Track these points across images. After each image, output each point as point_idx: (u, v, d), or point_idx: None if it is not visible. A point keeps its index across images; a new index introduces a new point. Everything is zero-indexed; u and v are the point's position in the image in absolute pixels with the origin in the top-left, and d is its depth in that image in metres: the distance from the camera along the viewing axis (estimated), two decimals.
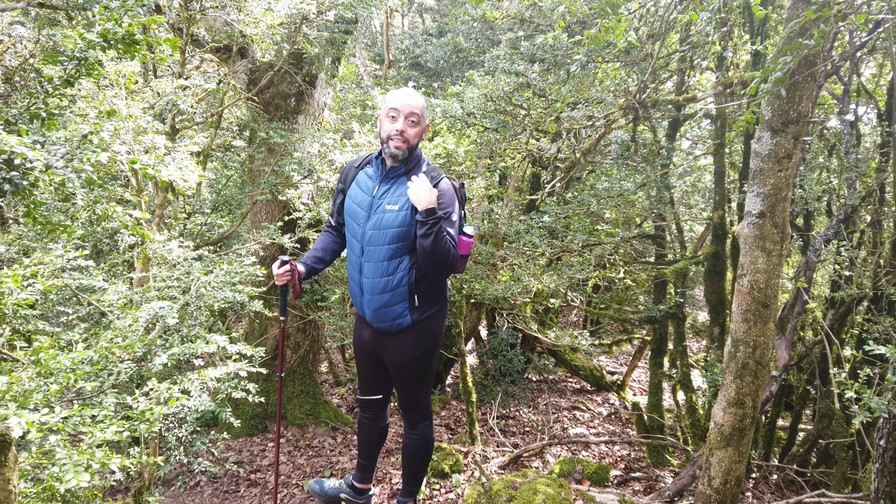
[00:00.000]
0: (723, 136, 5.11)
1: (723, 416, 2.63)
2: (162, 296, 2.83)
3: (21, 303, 1.68)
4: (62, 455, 1.31)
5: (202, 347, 2.49)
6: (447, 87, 6.18)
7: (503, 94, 5.18)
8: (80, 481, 1.24)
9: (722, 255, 5.13)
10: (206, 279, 2.89)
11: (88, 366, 1.68)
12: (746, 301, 2.56)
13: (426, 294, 3.23)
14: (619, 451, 6.47)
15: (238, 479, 5.47)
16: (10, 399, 1.34)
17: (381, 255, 3.14)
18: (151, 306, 2.49)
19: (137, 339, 2.36)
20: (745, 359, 2.56)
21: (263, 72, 6.04)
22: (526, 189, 8.18)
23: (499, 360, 8.43)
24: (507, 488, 3.78)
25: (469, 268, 5.52)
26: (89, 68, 1.60)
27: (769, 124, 2.49)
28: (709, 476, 2.70)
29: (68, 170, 1.40)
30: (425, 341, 3.35)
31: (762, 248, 2.53)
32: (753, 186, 2.56)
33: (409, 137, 3.04)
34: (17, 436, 1.22)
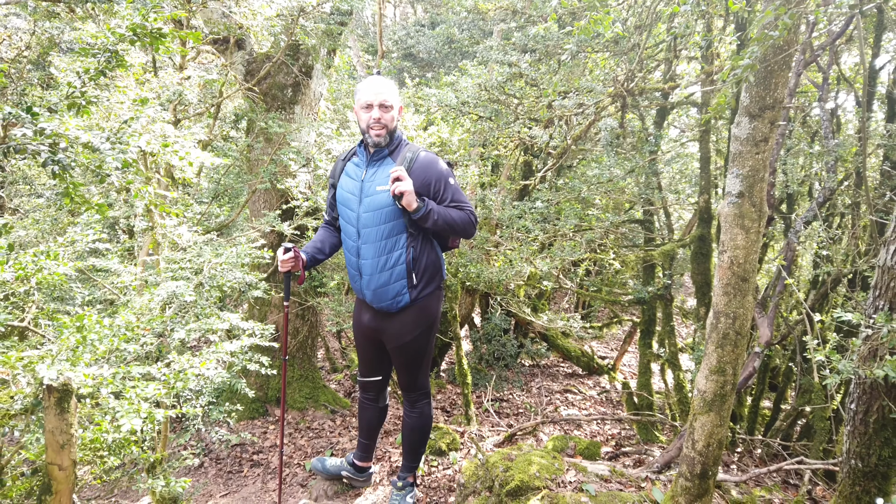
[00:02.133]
0: (708, 123, 5.29)
1: (705, 384, 2.81)
2: (175, 277, 2.98)
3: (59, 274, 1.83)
4: (115, 404, 1.47)
5: (217, 324, 2.64)
6: (440, 77, 6.32)
7: (496, 84, 5.33)
8: (133, 425, 1.40)
9: (707, 238, 5.33)
10: (216, 261, 3.04)
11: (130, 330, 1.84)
12: (727, 275, 2.74)
13: (423, 272, 3.41)
14: (609, 429, 6.68)
15: (241, 459, 5.63)
16: (63, 359, 1.50)
17: (378, 234, 3.30)
18: (168, 285, 2.64)
19: (156, 316, 2.51)
20: (725, 329, 2.74)
21: (261, 63, 6.15)
22: (518, 177, 8.34)
23: (492, 344, 8.63)
24: (504, 460, 3.97)
25: (464, 252, 5.69)
26: (120, 60, 1.74)
27: (747, 110, 2.66)
28: (693, 440, 2.88)
29: (115, 151, 1.55)
30: (424, 320, 3.52)
31: (741, 225, 2.71)
32: (733, 168, 2.74)
33: (386, 122, 3.22)
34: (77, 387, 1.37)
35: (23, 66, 6.84)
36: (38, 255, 1.85)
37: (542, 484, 3.71)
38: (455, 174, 3.56)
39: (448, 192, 3.25)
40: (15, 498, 1.69)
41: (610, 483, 3.88)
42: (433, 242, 3.45)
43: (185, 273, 2.99)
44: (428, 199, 3.19)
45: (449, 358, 9.57)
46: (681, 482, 2.97)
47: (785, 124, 4.45)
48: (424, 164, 3.23)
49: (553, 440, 5.44)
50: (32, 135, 1.37)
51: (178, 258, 3.08)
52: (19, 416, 1.62)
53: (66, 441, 1.46)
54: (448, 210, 3.21)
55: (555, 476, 3.82)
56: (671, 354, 5.69)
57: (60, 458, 1.48)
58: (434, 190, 3.24)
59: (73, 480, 1.51)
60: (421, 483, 4.84)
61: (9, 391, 1.78)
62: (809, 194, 5.80)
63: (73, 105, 1.63)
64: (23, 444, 1.66)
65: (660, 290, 5.59)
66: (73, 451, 1.49)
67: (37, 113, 1.41)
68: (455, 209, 3.24)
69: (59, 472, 1.48)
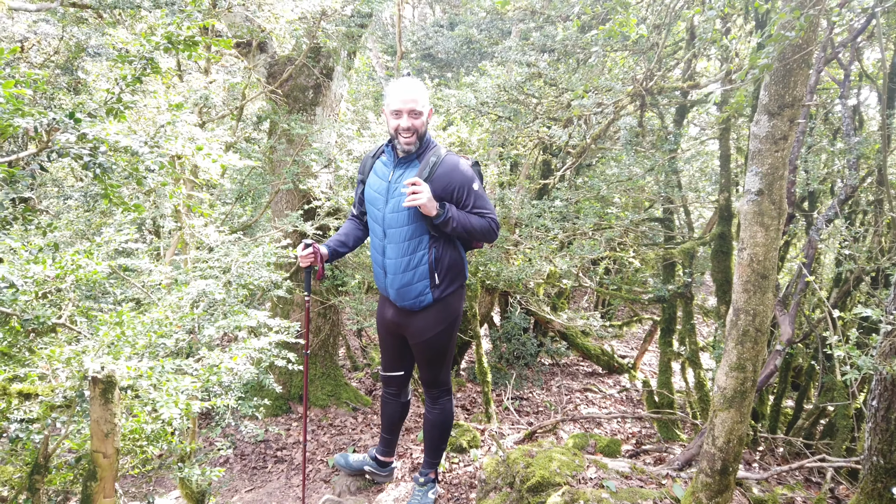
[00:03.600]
0: (728, 120, 5.28)
1: (725, 380, 2.83)
2: (204, 276, 3.06)
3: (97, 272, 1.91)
4: (156, 395, 1.54)
5: (245, 321, 2.72)
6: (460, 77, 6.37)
7: (515, 84, 5.37)
8: (173, 414, 1.47)
9: (728, 236, 5.32)
10: (243, 260, 3.12)
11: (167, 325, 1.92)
12: (746, 273, 2.76)
13: (446, 272, 3.46)
14: (630, 428, 6.68)
15: (265, 455, 5.73)
16: (105, 353, 1.58)
17: (402, 235, 3.36)
18: (198, 284, 2.73)
19: (186, 314, 2.59)
20: (745, 326, 2.76)
21: (282, 65, 6.25)
22: (536, 176, 8.37)
23: (512, 343, 8.66)
24: (525, 456, 4.01)
25: (484, 251, 5.73)
26: (155, 67, 1.82)
27: (766, 108, 2.68)
28: (713, 436, 2.91)
29: (154, 155, 1.62)
30: (446, 318, 3.58)
31: (761, 223, 2.73)
32: (752, 166, 2.75)
33: (416, 129, 3.23)
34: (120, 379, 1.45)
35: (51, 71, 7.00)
36: (77, 254, 1.93)
37: (563, 480, 3.75)
38: (482, 173, 3.60)
39: (470, 198, 3.26)
40: (59, 485, 1.77)
41: (630, 480, 3.90)
42: (456, 243, 3.49)
43: (214, 272, 3.08)
44: (449, 206, 3.21)
45: (469, 356, 9.62)
46: (701, 478, 3.00)
47: (805, 122, 4.44)
48: (448, 168, 3.24)
49: (573, 438, 5.46)
50: (75, 139, 1.45)
51: (206, 257, 3.16)
52: (61, 409, 1.71)
53: (110, 430, 1.53)
54: (469, 217, 3.23)
55: (575, 472, 3.86)
56: (692, 353, 5.68)
57: (105, 447, 1.55)
58: (457, 196, 3.26)
59: (116, 468, 1.58)
60: (442, 480, 4.89)
61: (49, 385, 1.87)
62: (831, 192, 5.76)
63: (111, 111, 1.71)
64: (66, 435, 1.75)
65: (680, 288, 5.59)
66: (117, 440, 1.56)
67: (79, 118, 1.48)
68: (476, 216, 3.25)
69: (104, 460, 1.55)
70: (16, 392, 1.76)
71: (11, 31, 7.28)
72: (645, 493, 3.57)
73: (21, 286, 1.59)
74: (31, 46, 7.70)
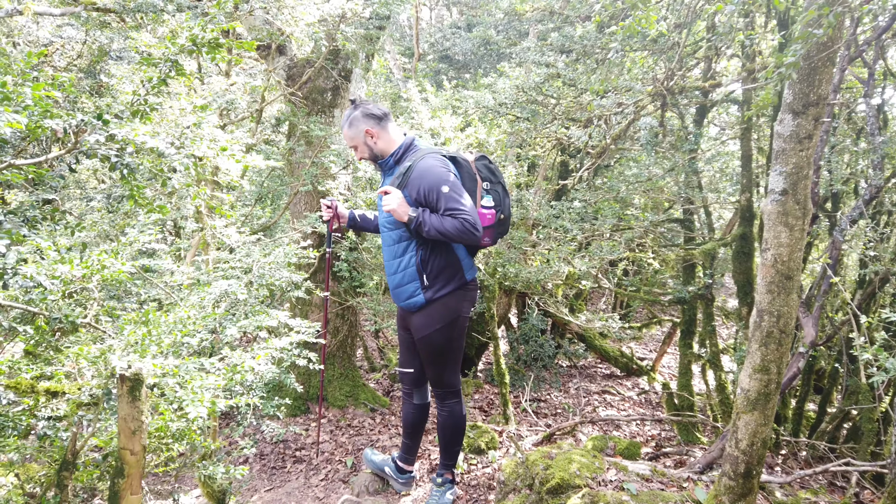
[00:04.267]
0: (750, 120, 5.22)
1: (749, 382, 2.80)
2: (226, 276, 3.09)
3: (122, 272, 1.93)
4: (181, 393, 1.56)
5: (266, 321, 2.74)
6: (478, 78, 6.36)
7: (534, 85, 5.36)
8: (199, 413, 1.49)
9: (749, 237, 5.26)
10: (265, 260, 3.14)
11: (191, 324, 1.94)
12: (770, 273, 2.73)
13: (437, 274, 3.51)
14: (649, 430, 6.63)
15: (284, 455, 5.76)
16: (132, 351, 1.60)
17: (391, 239, 3.52)
18: (220, 284, 2.75)
19: (209, 314, 2.62)
20: (769, 328, 2.73)
21: (301, 67, 6.29)
22: (554, 177, 8.33)
23: (530, 345, 8.63)
24: (544, 458, 4.00)
25: (502, 252, 5.73)
26: (179, 70, 1.84)
27: (790, 107, 2.65)
28: (736, 439, 2.87)
29: (181, 155, 1.65)
30: (442, 318, 3.60)
31: (785, 223, 2.70)
32: (776, 166, 2.72)
33: (364, 157, 3.53)
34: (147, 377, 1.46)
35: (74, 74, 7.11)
36: (104, 254, 1.96)
37: (583, 482, 3.73)
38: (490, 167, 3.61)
39: (441, 201, 3.27)
40: (86, 482, 1.80)
41: (651, 482, 3.87)
42: (450, 245, 3.51)
43: (235, 272, 3.10)
44: (421, 211, 3.28)
45: (486, 358, 9.60)
46: (724, 481, 2.97)
47: (829, 121, 4.38)
48: (420, 173, 3.31)
49: (592, 440, 5.43)
50: (104, 140, 1.47)
51: (228, 258, 3.19)
52: (88, 407, 1.73)
53: (137, 427, 1.55)
54: (442, 220, 3.24)
55: (595, 475, 3.84)
56: (712, 355, 5.63)
57: (132, 444, 1.57)
58: (427, 200, 3.31)
59: (143, 465, 1.60)
60: (460, 481, 4.88)
61: (76, 383, 1.89)
62: (855, 192, 5.67)
63: (136, 112, 1.74)
64: (94, 433, 1.77)
65: (700, 289, 5.54)
66: (144, 437, 1.58)
67: (107, 120, 1.51)
68: (449, 217, 3.25)
69: (131, 457, 1.57)
70: (43, 390, 1.79)
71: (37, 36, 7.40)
72: (666, 496, 3.54)
73: (49, 286, 1.62)
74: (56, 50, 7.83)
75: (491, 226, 3.55)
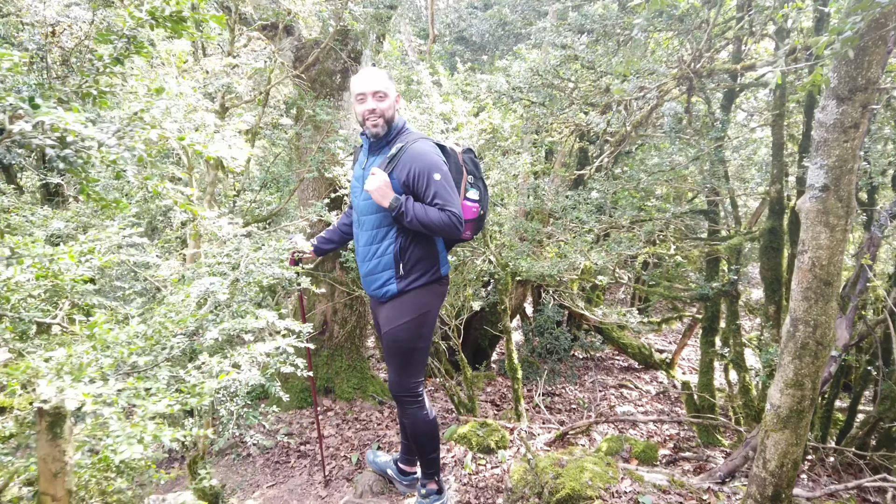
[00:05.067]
0: (782, 106, 4.89)
1: (780, 398, 2.54)
2: (213, 272, 2.88)
3: (77, 279, 1.73)
4: (115, 427, 1.35)
5: (252, 323, 2.53)
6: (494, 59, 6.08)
7: (550, 68, 5.06)
8: (133, 453, 1.28)
9: (779, 231, 4.94)
10: (254, 255, 2.93)
11: (143, 340, 1.73)
12: (807, 279, 2.45)
13: (414, 264, 3.32)
14: (667, 430, 6.38)
15: (289, 450, 5.61)
16: (65, 372, 1.39)
17: (371, 223, 3.30)
18: (203, 282, 2.54)
19: (189, 315, 2.41)
20: (804, 339, 2.46)
21: (309, 49, 6.05)
22: (572, 165, 8.03)
23: (545, 337, 8.39)
24: (554, 465, 3.77)
25: (514, 245, 5.47)
26: (138, 46, 1.62)
27: (835, 92, 2.35)
28: (764, 458, 2.62)
29: (121, 147, 1.43)
30: (412, 311, 3.39)
31: (825, 223, 2.41)
32: (816, 158, 2.44)
33: (382, 111, 3.17)
34: (72, 408, 1.26)
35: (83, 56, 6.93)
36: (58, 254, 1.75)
37: (595, 493, 3.50)
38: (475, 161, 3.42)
39: (430, 189, 3.09)
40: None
41: (669, 494, 3.63)
42: (431, 236, 3.33)
43: (223, 268, 2.89)
44: (405, 198, 3.10)
45: (500, 349, 9.38)
46: (749, 503, 2.72)
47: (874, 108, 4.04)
48: (411, 156, 3.12)
49: (607, 441, 5.20)
50: (31, 128, 1.26)
51: (216, 252, 2.98)
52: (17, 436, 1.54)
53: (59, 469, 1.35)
54: (427, 210, 3.06)
55: (608, 485, 3.60)
56: (736, 355, 5.34)
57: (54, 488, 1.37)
58: (416, 186, 3.12)
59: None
60: (468, 482, 4.69)
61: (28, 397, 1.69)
62: (893, 184, 5.32)
63: (86, 95, 1.52)
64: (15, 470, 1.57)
65: (724, 285, 5.24)
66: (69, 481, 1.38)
67: (37, 104, 1.29)
68: (436, 209, 3.07)
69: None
70: None
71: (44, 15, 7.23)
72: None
73: None
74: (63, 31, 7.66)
75: (473, 220, 3.40)
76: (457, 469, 4.91)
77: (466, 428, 5.24)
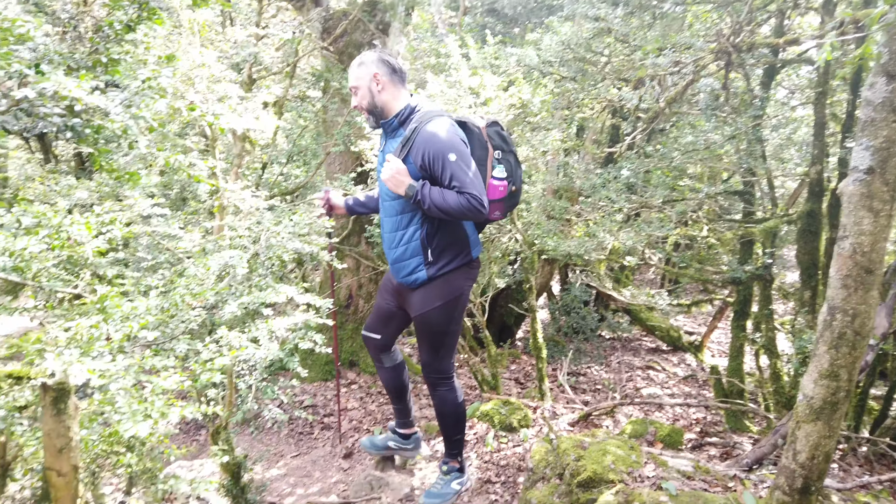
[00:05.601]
0: (826, 83, 4.68)
1: (813, 388, 2.44)
2: (233, 245, 2.86)
3: (95, 250, 1.72)
4: (122, 403, 1.33)
5: (272, 297, 2.50)
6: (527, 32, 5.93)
7: (582, 41, 4.90)
8: (139, 431, 1.26)
9: (817, 214, 4.76)
10: (275, 229, 2.90)
11: (158, 313, 1.71)
12: (847, 265, 2.33)
13: (442, 249, 3.19)
14: (694, 413, 6.28)
15: (313, 422, 5.66)
16: (74, 346, 1.38)
17: (393, 209, 3.17)
18: (222, 255, 2.52)
19: (209, 288, 2.39)
20: (842, 328, 2.35)
21: (337, 20, 5.97)
22: (604, 142, 7.85)
23: (571, 316, 8.30)
24: (576, 447, 3.72)
25: (541, 223, 5.37)
26: (151, 13, 1.57)
27: (885, 69, 2.21)
28: (794, 450, 2.53)
29: (126, 116, 1.39)
30: (444, 295, 3.29)
31: (869, 207, 2.28)
32: (862, 139, 2.30)
33: (360, 105, 3.11)
34: (79, 383, 1.24)
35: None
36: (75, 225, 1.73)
37: (617, 477, 3.44)
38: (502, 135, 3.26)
39: (446, 172, 2.93)
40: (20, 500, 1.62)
41: (693, 481, 3.56)
42: None
43: (243, 241, 2.87)
44: (422, 184, 2.96)
45: (525, 327, 9.32)
46: (777, 495, 2.63)
47: None
48: (424, 139, 2.96)
49: (632, 423, 5.13)
50: (34, 95, 1.23)
51: (237, 225, 2.96)
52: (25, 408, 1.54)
53: (64, 445, 1.34)
54: (444, 195, 2.92)
55: (631, 469, 3.54)
56: (768, 340, 5.19)
57: (59, 464, 1.36)
58: (432, 170, 2.97)
59: (76, 488, 1.39)
60: (489, 460, 4.67)
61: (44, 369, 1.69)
62: None
63: (97, 63, 1.48)
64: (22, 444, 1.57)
65: (758, 269, 5.08)
66: (74, 456, 1.37)
67: (42, 71, 1.25)
68: (454, 193, 2.92)
69: (59, 479, 1.36)
70: (5, 375, 1.60)
71: None
72: (709, 497, 3.22)
73: None
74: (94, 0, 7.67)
75: (502, 199, 3.20)
76: (478, 446, 4.89)
77: (489, 405, 5.22)
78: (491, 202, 3.15)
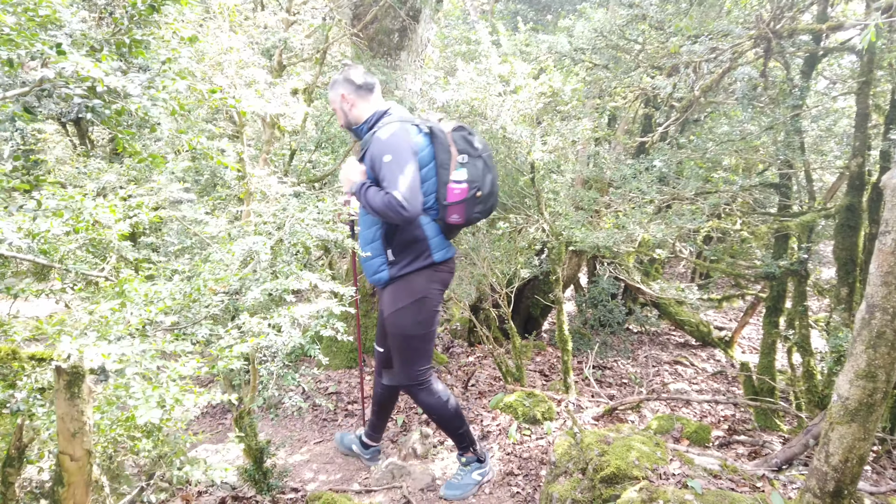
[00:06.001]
0: (870, 73, 4.50)
1: (849, 389, 2.35)
2: (258, 231, 2.87)
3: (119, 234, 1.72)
4: (136, 389, 1.33)
5: (294, 284, 2.50)
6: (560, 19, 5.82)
7: (615, 28, 4.80)
8: (151, 418, 1.26)
9: (857, 209, 4.60)
10: (300, 216, 2.90)
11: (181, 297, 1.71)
12: (889, 262, 2.23)
13: (402, 249, 3.32)
14: (722, 410, 6.16)
15: (336, 408, 5.68)
16: (91, 329, 1.38)
17: (363, 209, 3.32)
18: (246, 241, 2.51)
19: (233, 273, 2.39)
20: (881, 327, 2.25)
21: (368, 6, 5.93)
22: (636, 132, 7.69)
23: (598, 309, 8.20)
24: (600, 442, 3.66)
25: (569, 214, 5.29)
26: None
27: None
28: (827, 452, 2.45)
29: (144, 97, 1.37)
30: (406, 297, 3.39)
31: None
32: None
33: (342, 124, 3.41)
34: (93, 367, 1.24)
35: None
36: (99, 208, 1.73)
37: (642, 474, 3.38)
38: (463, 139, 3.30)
39: (381, 173, 3.11)
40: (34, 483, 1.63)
41: (720, 479, 3.48)
42: (415, 221, 3.27)
43: (268, 228, 2.87)
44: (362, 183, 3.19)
45: (552, 318, 9.24)
46: (807, 498, 2.55)
47: None
48: (372, 143, 3.19)
49: (658, 419, 5.05)
50: (53, 75, 1.22)
51: (262, 211, 2.97)
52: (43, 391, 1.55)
53: (77, 429, 1.34)
54: (376, 194, 3.08)
55: (656, 466, 3.48)
56: (801, 337, 5.05)
57: (73, 448, 1.36)
58: (375, 170, 3.17)
59: (89, 472, 1.39)
60: (511, 451, 4.65)
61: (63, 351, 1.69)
62: None
63: (120, 45, 1.47)
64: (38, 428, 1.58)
65: (793, 264, 4.94)
66: (88, 441, 1.37)
67: (63, 51, 1.24)
68: (382, 192, 3.07)
69: (72, 463, 1.37)
70: (27, 356, 1.61)
71: None
72: (736, 497, 3.15)
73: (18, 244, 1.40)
74: None
75: (461, 201, 3.26)
76: (501, 438, 4.87)
77: (513, 397, 5.18)
78: (449, 205, 3.25)
